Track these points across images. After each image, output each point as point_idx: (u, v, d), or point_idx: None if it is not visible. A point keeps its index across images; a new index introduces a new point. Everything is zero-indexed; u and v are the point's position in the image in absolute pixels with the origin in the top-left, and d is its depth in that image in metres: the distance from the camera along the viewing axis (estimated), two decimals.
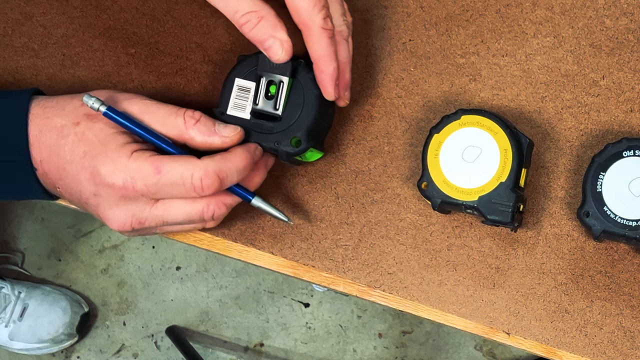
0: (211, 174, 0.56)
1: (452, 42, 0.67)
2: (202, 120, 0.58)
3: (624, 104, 0.65)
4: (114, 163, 0.56)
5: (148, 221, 0.58)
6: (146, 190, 0.56)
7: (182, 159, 0.56)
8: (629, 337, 0.62)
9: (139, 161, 0.56)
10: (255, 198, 0.61)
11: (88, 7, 0.71)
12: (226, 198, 0.59)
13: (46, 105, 0.59)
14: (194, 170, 0.55)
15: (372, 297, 0.65)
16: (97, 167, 0.56)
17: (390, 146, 0.66)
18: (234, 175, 0.57)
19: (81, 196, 0.58)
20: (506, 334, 0.63)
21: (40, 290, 1.56)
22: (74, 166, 0.57)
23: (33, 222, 1.66)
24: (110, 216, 0.58)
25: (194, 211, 0.58)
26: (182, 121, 0.57)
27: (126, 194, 0.56)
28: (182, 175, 0.55)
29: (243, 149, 0.58)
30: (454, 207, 0.61)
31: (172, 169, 0.55)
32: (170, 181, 0.56)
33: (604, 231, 0.58)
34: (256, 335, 1.59)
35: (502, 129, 0.60)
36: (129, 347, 1.62)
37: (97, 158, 0.56)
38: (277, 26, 0.57)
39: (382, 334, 1.57)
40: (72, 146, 0.57)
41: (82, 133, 0.57)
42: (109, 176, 0.56)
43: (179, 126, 0.57)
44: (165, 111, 0.58)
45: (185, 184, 0.56)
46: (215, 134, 0.58)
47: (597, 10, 0.66)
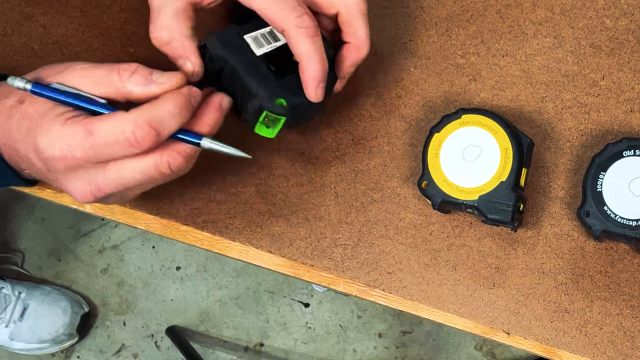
0: (142, 124, 0.53)
1: (452, 42, 0.67)
2: (139, 70, 0.55)
3: (624, 104, 0.65)
4: (49, 134, 0.54)
5: (106, 187, 0.56)
6: (86, 156, 0.54)
7: (112, 116, 0.53)
8: (629, 337, 0.62)
9: (71, 127, 0.53)
10: (204, 139, 0.56)
11: (88, 7, 0.71)
12: (178, 146, 0.56)
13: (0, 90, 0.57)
14: (124, 125, 0.53)
15: (372, 297, 0.65)
16: (36, 141, 0.54)
17: (390, 146, 0.66)
18: (169, 121, 0.54)
19: (42, 174, 0.57)
20: (506, 333, 0.63)
21: (41, 291, 1.57)
22: (22, 145, 0.56)
23: (33, 222, 1.66)
24: (70, 188, 0.56)
25: (148, 167, 0.55)
26: (117, 76, 0.55)
27: (70, 163, 0.54)
28: (113, 133, 0.53)
29: (173, 92, 0.55)
30: (454, 206, 0.61)
31: (103, 127, 0.53)
32: (104, 141, 0.53)
33: (604, 231, 0.58)
34: (256, 335, 1.59)
35: (503, 129, 0.60)
36: (129, 347, 1.62)
37: (35, 132, 0.54)
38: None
39: (382, 334, 1.57)
40: (17, 125, 0.56)
41: (25, 111, 0.55)
42: (47, 148, 0.54)
43: (115, 82, 0.55)
44: (101, 71, 0.55)
45: (120, 141, 0.53)
46: (153, 82, 0.55)
47: (597, 11, 0.66)
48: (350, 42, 0.61)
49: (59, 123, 0.54)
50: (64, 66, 0.57)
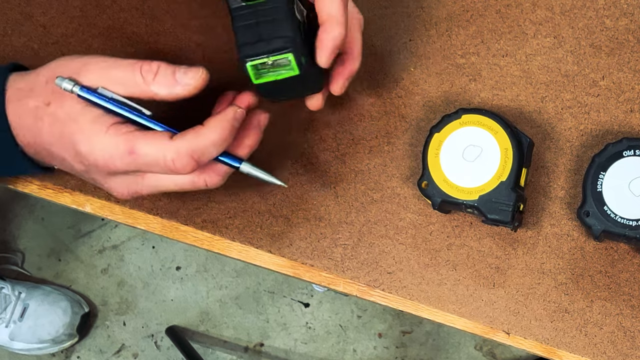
0: (183, 155, 0.54)
1: (452, 42, 0.67)
2: (161, 71, 0.55)
3: (624, 104, 0.65)
4: (91, 142, 0.55)
5: (143, 191, 0.58)
6: (127, 168, 0.55)
7: (155, 139, 0.54)
8: (629, 337, 0.62)
9: (114, 139, 0.54)
10: (243, 164, 0.57)
11: (88, 7, 0.71)
12: (216, 167, 0.57)
13: (18, 87, 0.58)
14: (166, 153, 0.54)
15: (372, 297, 0.65)
16: (76, 147, 0.55)
17: (390, 146, 0.66)
18: (211, 151, 0.55)
19: (77, 172, 0.58)
20: (506, 333, 0.63)
21: (41, 291, 1.56)
22: (56, 148, 0.57)
23: (33, 222, 1.66)
24: (108, 187, 0.58)
25: (184, 182, 0.57)
26: (140, 79, 0.55)
27: (110, 170, 0.56)
28: (155, 157, 0.54)
29: (219, 119, 0.55)
30: (454, 206, 0.61)
31: (145, 150, 0.54)
32: (145, 162, 0.54)
33: (604, 231, 0.58)
34: (256, 335, 1.59)
35: (503, 128, 0.60)
36: (129, 347, 1.62)
37: (74, 137, 0.55)
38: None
39: (382, 334, 1.57)
40: (48, 128, 0.56)
41: (54, 113, 0.56)
42: (90, 155, 0.55)
43: (139, 84, 0.55)
44: (122, 71, 0.56)
45: (160, 165, 0.54)
46: (177, 84, 0.55)
47: (597, 11, 0.66)
48: (346, 53, 0.60)
49: (100, 131, 0.55)
50: (82, 63, 0.57)
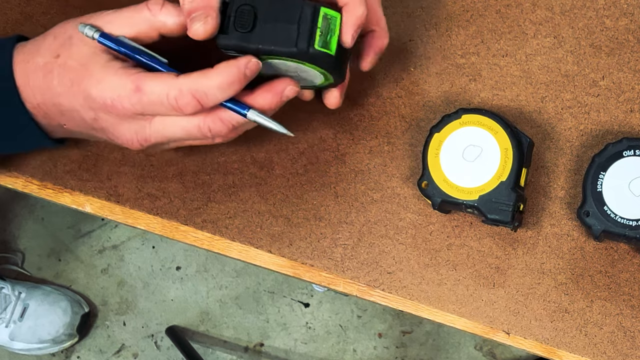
0: (185, 93, 0.54)
1: (452, 43, 0.67)
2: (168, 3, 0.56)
3: (624, 104, 0.65)
4: (100, 83, 0.55)
5: (152, 137, 0.57)
6: (133, 109, 0.55)
7: (162, 77, 0.54)
8: (629, 337, 0.62)
9: (122, 78, 0.55)
10: (250, 111, 0.56)
11: (88, 7, 0.71)
12: (221, 113, 0.56)
13: (24, 51, 0.58)
14: (169, 90, 0.54)
15: (372, 297, 0.65)
16: (87, 90, 0.56)
17: (390, 146, 0.66)
18: (215, 93, 0.54)
19: (86, 124, 0.58)
20: (506, 333, 0.63)
21: (41, 291, 1.56)
22: (66, 97, 0.57)
23: (33, 222, 1.66)
24: (117, 134, 0.58)
25: (190, 126, 0.56)
26: (147, 11, 0.56)
27: (118, 112, 0.56)
28: (158, 95, 0.54)
29: (229, 64, 0.54)
30: (454, 206, 0.61)
31: (151, 87, 0.54)
32: (150, 100, 0.54)
33: (604, 231, 0.58)
34: (256, 335, 1.59)
35: (503, 128, 0.60)
36: (129, 347, 1.62)
37: (84, 82, 0.56)
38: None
39: (382, 334, 1.57)
40: (59, 79, 0.57)
41: (64, 63, 0.56)
42: (99, 96, 0.55)
43: (147, 18, 0.56)
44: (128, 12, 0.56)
45: (164, 103, 0.54)
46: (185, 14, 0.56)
47: (597, 11, 0.66)
48: (375, 30, 0.61)
49: (110, 72, 0.55)
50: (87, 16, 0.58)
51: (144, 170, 0.68)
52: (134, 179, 0.67)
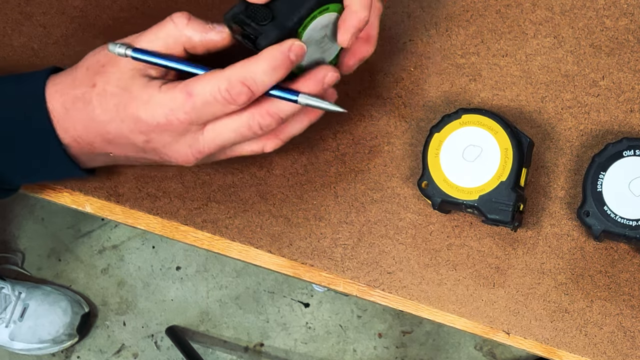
0: (235, 82, 0.54)
1: (452, 43, 0.67)
2: (193, 18, 0.56)
3: (624, 104, 0.65)
4: (148, 104, 0.55)
5: (206, 148, 0.57)
6: (189, 118, 0.55)
7: (207, 76, 0.54)
8: (629, 337, 0.62)
9: (169, 92, 0.55)
10: (301, 95, 0.56)
11: (88, 6, 0.71)
12: (268, 105, 0.56)
13: (57, 83, 0.58)
14: (219, 83, 0.54)
15: (372, 297, 0.65)
16: (135, 114, 0.55)
17: (390, 146, 0.66)
18: (263, 79, 0.54)
19: (136, 148, 0.58)
20: (506, 333, 0.63)
21: (41, 291, 1.56)
22: (113, 124, 0.57)
23: (33, 222, 1.66)
24: (171, 153, 0.58)
25: (241, 125, 0.56)
26: (172, 25, 0.56)
27: (173, 128, 0.56)
28: (211, 92, 0.54)
29: (273, 48, 0.54)
30: (454, 206, 0.61)
31: (201, 88, 0.54)
32: (203, 100, 0.54)
33: (604, 231, 0.58)
34: (256, 335, 1.59)
35: (503, 128, 0.60)
36: (129, 347, 1.62)
37: (130, 106, 0.56)
38: None
39: (382, 334, 1.57)
40: (101, 107, 0.56)
41: (103, 91, 0.56)
42: (150, 118, 0.55)
43: (172, 32, 0.56)
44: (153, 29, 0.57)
45: (217, 99, 0.54)
46: (211, 29, 0.56)
47: (597, 11, 0.66)
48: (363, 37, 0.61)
49: (154, 91, 0.55)
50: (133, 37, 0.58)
51: (144, 170, 0.68)
52: (134, 179, 0.67)
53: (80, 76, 0.58)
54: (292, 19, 0.55)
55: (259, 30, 0.55)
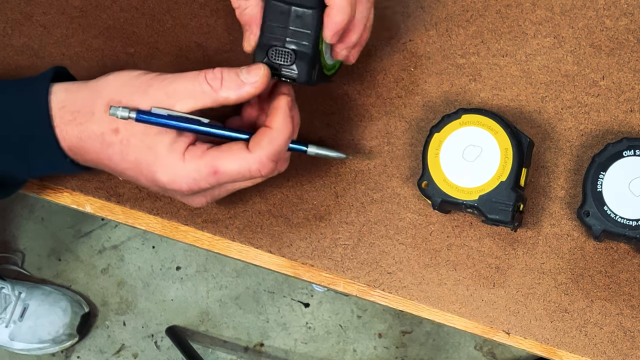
0: (266, 163, 0.56)
1: (452, 43, 0.67)
2: (226, 76, 0.56)
3: (624, 104, 0.65)
4: (171, 170, 0.56)
5: (219, 196, 0.60)
6: (211, 187, 0.57)
7: (235, 154, 0.56)
8: (629, 337, 0.62)
9: (194, 163, 0.56)
10: (310, 147, 0.61)
11: (88, 7, 0.71)
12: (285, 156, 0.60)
13: (73, 109, 0.57)
14: (250, 165, 0.56)
15: (372, 297, 0.65)
16: (156, 175, 0.56)
17: (390, 146, 0.66)
18: (285, 149, 0.58)
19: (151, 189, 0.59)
20: (506, 333, 0.63)
21: (41, 291, 1.56)
22: (131, 172, 0.57)
23: (33, 222, 1.66)
24: (187, 202, 0.60)
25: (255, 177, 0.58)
26: (208, 87, 0.56)
27: (194, 191, 0.57)
28: (239, 172, 0.56)
29: (281, 116, 0.57)
30: (454, 206, 0.61)
31: (229, 167, 0.56)
32: (230, 177, 0.56)
33: (604, 231, 0.58)
34: (256, 335, 1.59)
35: (503, 128, 0.60)
36: (129, 347, 1.62)
37: (152, 167, 0.56)
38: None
39: (382, 334, 1.57)
40: (121, 155, 0.57)
41: (126, 140, 0.56)
42: (171, 183, 0.56)
43: (208, 93, 0.56)
44: (188, 83, 0.56)
45: (245, 176, 0.57)
46: (245, 84, 0.56)
47: (597, 11, 0.66)
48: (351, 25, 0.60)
49: (178, 158, 0.56)
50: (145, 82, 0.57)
51: None
52: None
53: (99, 113, 0.57)
54: (309, 46, 0.57)
55: (293, 71, 0.58)
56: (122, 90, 0.57)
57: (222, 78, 0.56)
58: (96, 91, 0.57)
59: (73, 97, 0.58)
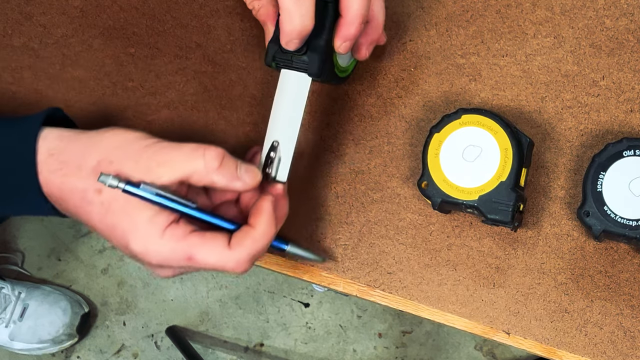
0: (243, 263, 0.55)
1: (452, 43, 0.67)
2: (225, 162, 0.55)
3: (624, 104, 0.65)
4: (146, 243, 0.54)
5: (187, 272, 0.58)
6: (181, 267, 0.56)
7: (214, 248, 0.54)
8: (629, 337, 0.62)
9: (172, 243, 0.54)
10: (289, 246, 0.62)
11: (88, 7, 0.71)
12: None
13: (61, 160, 0.56)
14: (227, 262, 0.55)
15: (372, 297, 0.65)
16: (130, 245, 0.55)
17: (390, 146, 0.66)
18: (265, 248, 0.57)
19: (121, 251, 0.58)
20: (506, 333, 0.63)
21: (41, 291, 1.56)
22: (106, 233, 0.56)
23: (33, 222, 1.66)
24: (153, 271, 0.58)
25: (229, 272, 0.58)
26: (202, 165, 0.54)
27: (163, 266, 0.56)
28: (214, 266, 0.55)
29: (267, 220, 0.56)
30: (454, 206, 0.61)
31: (205, 259, 0.55)
32: (204, 267, 0.56)
33: (604, 231, 0.58)
34: (256, 335, 1.59)
35: (503, 128, 0.60)
36: (129, 347, 1.62)
37: (128, 235, 0.54)
38: None
39: (382, 334, 1.57)
40: (99, 216, 0.55)
41: (108, 203, 0.55)
42: (143, 254, 0.55)
43: (199, 171, 0.55)
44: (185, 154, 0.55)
45: (219, 270, 0.56)
46: (238, 179, 0.56)
47: (597, 11, 0.66)
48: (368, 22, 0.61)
49: (156, 233, 0.54)
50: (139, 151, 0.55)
51: None
52: None
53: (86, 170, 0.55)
54: (322, 37, 0.58)
55: (304, 61, 0.58)
56: (115, 153, 0.55)
57: (222, 163, 0.55)
58: (89, 146, 0.56)
59: (64, 146, 0.56)
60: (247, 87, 0.68)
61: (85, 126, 0.68)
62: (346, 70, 0.64)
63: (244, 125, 0.68)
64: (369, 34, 0.62)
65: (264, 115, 0.67)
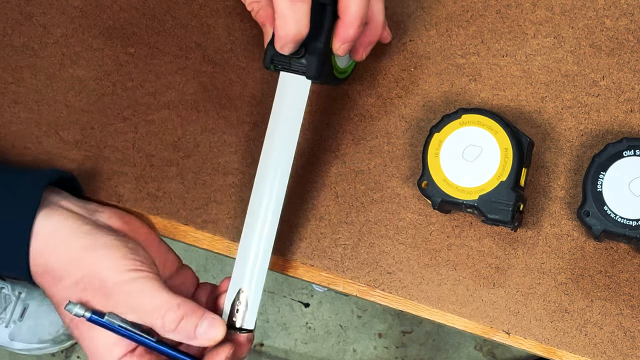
0: None
1: (452, 43, 0.67)
2: (182, 325, 0.57)
3: (624, 104, 0.65)
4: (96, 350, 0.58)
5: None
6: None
7: None
8: (629, 337, 0.62)
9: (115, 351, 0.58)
10: None
11: (88, 6, 0.71)
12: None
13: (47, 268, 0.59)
14: None
15: (372, 297, 0.65)
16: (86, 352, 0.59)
17: (390, 146, 0.66)
18: None
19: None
20: (506, 333, 0.63)
21: (41, 291, 1.56)
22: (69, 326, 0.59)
23: None
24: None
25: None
26: (160, 324, 0.57)
27: None
28: None
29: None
30: (454, 206, 0.61)
31: None
32: None
33: (604, 231, 0.58)
34: (256, 335, 1.59)
35: (503, 128, 0.60)
36: None
37: (88, 354, 0.59)
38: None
39: (382, 334, 1.57)
40: (67, 323, 0.59)
41: (77, 320, 0.58)
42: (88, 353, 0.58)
43: (158, 327, 0.57)
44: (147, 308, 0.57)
45: None
46: (195, 339, 0.58)
47: (597, 11, 0.66)
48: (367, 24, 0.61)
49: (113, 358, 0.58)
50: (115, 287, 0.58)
51: (144, 170, 0.68)
52: (134, 179, 0.67)
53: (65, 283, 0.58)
54: (320, 40, 0.58)
55: (303, 64, 0.58)
56: (92, 282, 0.58)
57: (179, 326, 0.57)
58: (74, 261, 0.58)
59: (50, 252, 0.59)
60: (246, 87, 0.68)
61: (85, 126, 0.69)
62: (345, 72, 0.64)
63: (243, 125, 0.68)
64: (368, 36, 0.62)
65: (264, 115, 0.67)
